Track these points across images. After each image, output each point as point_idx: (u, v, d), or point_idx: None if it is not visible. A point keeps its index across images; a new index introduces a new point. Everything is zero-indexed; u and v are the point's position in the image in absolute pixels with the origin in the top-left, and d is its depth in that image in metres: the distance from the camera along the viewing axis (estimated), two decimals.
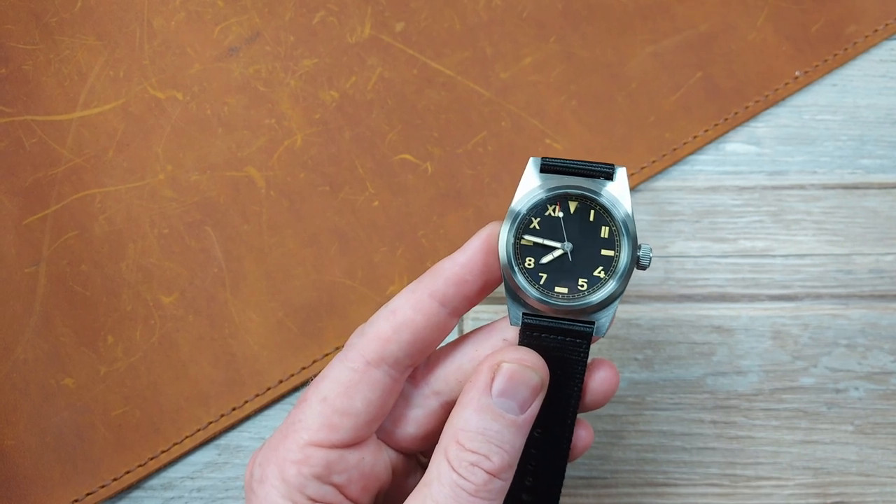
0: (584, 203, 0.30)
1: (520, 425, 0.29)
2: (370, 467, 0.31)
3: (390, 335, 0.31)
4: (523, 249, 0.30)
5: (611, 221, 0.30)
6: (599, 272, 0.30)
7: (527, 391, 0.29)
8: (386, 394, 0.31)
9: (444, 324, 0.31)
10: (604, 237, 0.30)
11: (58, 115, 0.46)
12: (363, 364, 0.30)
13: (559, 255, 0.30)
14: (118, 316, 0.43)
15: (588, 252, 0.30)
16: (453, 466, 0.28)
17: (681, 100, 0.47)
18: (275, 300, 0.43)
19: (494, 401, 0.29)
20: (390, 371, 0.31)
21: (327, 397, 0.30)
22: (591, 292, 0.30)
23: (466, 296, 0.31)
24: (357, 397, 0.30)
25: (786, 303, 0.44)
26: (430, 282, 0.31)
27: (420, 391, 0.33)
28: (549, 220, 0.30)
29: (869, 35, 0.48)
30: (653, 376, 0.43)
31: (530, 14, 0.48)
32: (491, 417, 0.28)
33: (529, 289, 0.30)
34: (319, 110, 0.46)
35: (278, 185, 0.45)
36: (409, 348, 0.31)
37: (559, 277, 0.30)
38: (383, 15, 0.48)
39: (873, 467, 0.42)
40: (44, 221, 0.44)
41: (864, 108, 0.47)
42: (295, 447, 0.30)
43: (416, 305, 0.31)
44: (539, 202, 0.30)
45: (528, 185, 0.30)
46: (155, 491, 0.42)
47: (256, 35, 0.47)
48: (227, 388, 0.42)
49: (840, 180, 0.46)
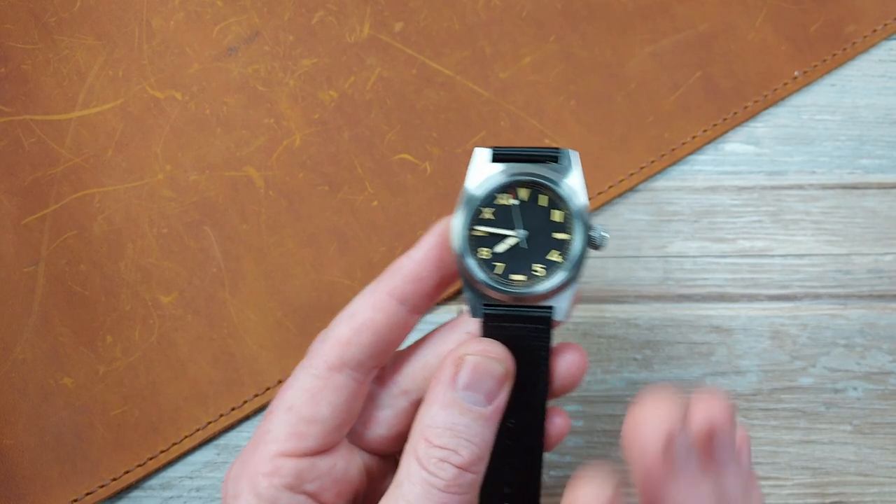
0: (534, 189, 0.30)
1: (487, 417, 0.29)
2: (343, 472, 0.31)
3: (350, 338, 0.30)
4: (477, 240, 0.30)
5: (562, 205, 0.30)
6: (555, 256, 0.30)
7: (492, 382, 0.29)
8: (352, 398, 0.31)
9: (404, 322, 0.31)
10: (556, 221, 0.30)
11: (57, 115, 0.46)
12: (326, 370, 0.30)
13: (513, 243, 0.30)
14: (117, 316, 0.43)
15: (542, 237, 0.30)
16: (423, 464, 0.28)
17: (680, 100, 0.47)
18: (273, 300, 0.44)
19: (460, 394, 0.29)
20: (354, 374, 0.31)
21: (292, 406, 0.30)
22: (548, 277, 0.30)
23: (425, 292, 0.31)
24: (322, 404, 0.30)
25: (784, 303, 0.44)
26: (388, 281, 0.31)
27: (388, 391, 0.32)
28: (500, 208, 0.30)
29: (868, 35, 0.48)
30: (652, 376, 0.43)
31: (529, 14, 0.48)
32: (458, 411, 0.28)
33: (486, 279, 0.30)
34: (318, 110, 0.46)
35: (277, 185, 0.45)
36: (372, 349, 0.31)
37: (515, 265, 0.30)
38: (382, 15, 0.48)
39: (872, 467, 0.42)
40: (42, 221, 0.44)
41: (863, 108, 0.47)
42: (264, 459, 0.30)
43: (375, 306, 0.31)
44: (489, 192, 0.30)
45: (477, 176, 0.30)
46: (154, 491, 0.42)
47: (255, 35, 0.47)
48: (226, 387, 0.42)
49: (839, 180, 0.46)
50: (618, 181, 0.45)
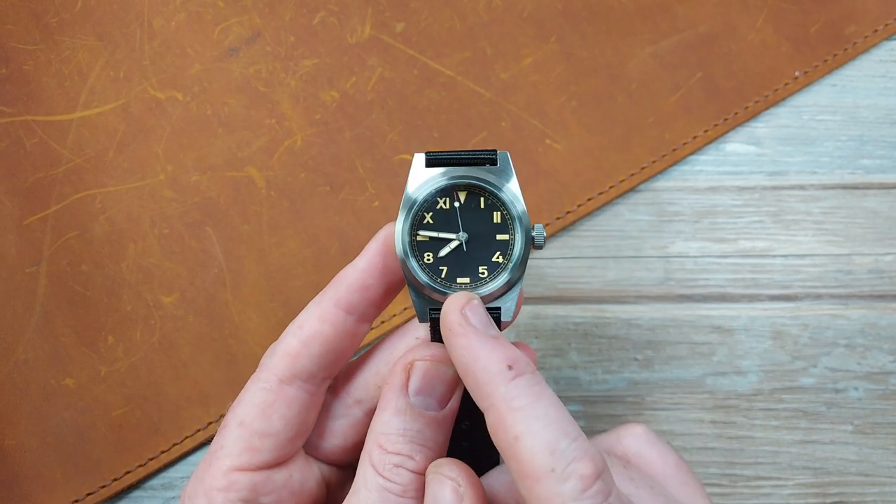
0: (472, 191, 0.30)
1: (440, 422, 0.29)
2: (299, 485, 0.31)
3: (299, 350, 0.30)
4: (420, 245, 0.30)
5: (501, 206, 0.30)
6: (497, 257, 0.30)
7: (443, 386, 0.29)
8: (304, 409, 0.31)
9: (353, 332, 0.31)
10: (497, 222, 0.30)
11: (58, 116, 0.46)
12: (276, 383, 0.30)
13: (456, 246, 0.30)
14: (119, 316, 0.43)
15: (484, 239, 0.30)
16: (378, 470, 0.28)
17: (681, 100, 0.47)
18: (275, 300, 0.44)
19: (412, 400, 0.29)
20: (305, 386, 0.30)
21: (244, 420, 0.30)
22: (492, 278, 0.30)
23: (371, 301, 0.31)
24: (274, 417, 0.30)
25: (785, 303, 0.44)
26: (334, 291, 0.31)
27: (342, 401, 0.32)
28: (441, 212, 0.30)
29: (868, 35, 0.48)
30: (653, 376, 0.43)
31: (530, 14, 0.48)
32: (410, 417, 0.29)
33: (431, 283, 0.30)
34: (320, 110, 0.46)
35: (278, 186, 0.45)
36: (321, 360, 0.31)
37: (459, 268, 0.30)
38: (384, 15, 0.48)
39: (872, 467, 0.42)
40: (44, 222, 0.44)
41: (863, 109, 0.47)
42: (219, 474, 0.30)
43: (322, 316, 0.31)
44: (429, 196, 0.30)
45: (416, 181, 0.31)
46: (155, 491, 0.42)
47: (257, 35, 0.47)
48: (228, 387, 0.42)
49: (840, 180, 0.46)
50: (618, 181, 0.45)
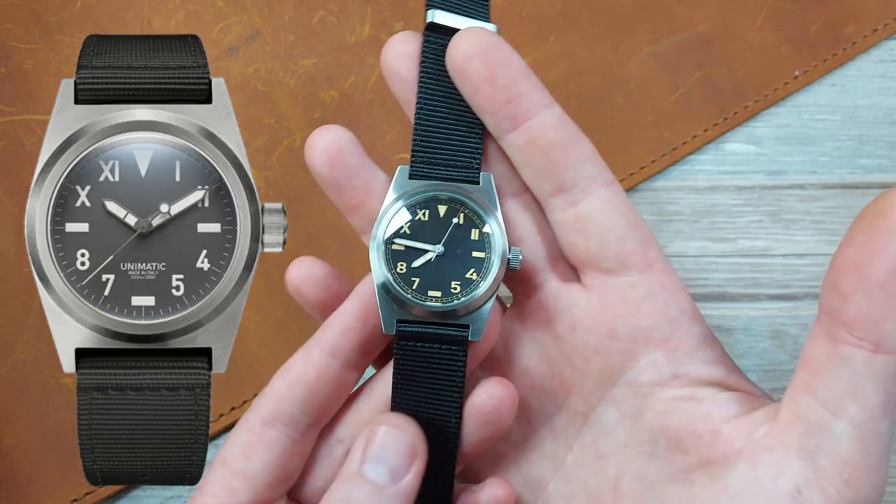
0: (452, 206, 0.30)
1: (391, 496, 0.28)
2: None
3: (283, 392, 0.30)
4: (395, 254, 0.30)
5: (480, 223, 0.30)
6: (472, 274, 0.30)
7: (396, 456, 0.28)
8: (286, 455, 0.30)
9: (338, 377, 0.30)
10: (474, 239, 0.30)
11: None
12: (259, 424, 0.30)
13: (430, 258, 0.30)
14: None
15: (459, 255, 0.30)
16: None
17: (680, 100, 0.47)
18: (274, 300, 0.44)
19: (364, 467, 0.28)
20: (286, 430, 0.30)
21: (227, 459, 0.30)
22: (464, 294, 0.30)
23: (356, 344, 0.30)
24: (254, 459, 0.29)
25: (785, 302, 0.44)
26: (320, 335, 0.30)
27: (326, 441, 0.31)
28: (419, 224, 0.30)
29: (868, 35, 0.48)
30: None
31: (529, 13, 0.48)
32: (356, 485, 0.28)
33: (402, 291, 0.30)
34: (319, 110, 0.46)
35: (277, 185, 0.45)
36: (304, 405, 0.30)
37: (432, 281, 0.30)
38: (383, 14, 0.48)
39: None
40: None
41: (863, 108, 0.47)
42: None
43: (307, 360, 0.30)
44: (409, 206, 0.30)
45: (397, 191, 0.30)
46: (154, 490, 0.42)
47: (256, 34, 0.47)
48: (226, 387, 0.42)
49: (839, 180, 0.46)
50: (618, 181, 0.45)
